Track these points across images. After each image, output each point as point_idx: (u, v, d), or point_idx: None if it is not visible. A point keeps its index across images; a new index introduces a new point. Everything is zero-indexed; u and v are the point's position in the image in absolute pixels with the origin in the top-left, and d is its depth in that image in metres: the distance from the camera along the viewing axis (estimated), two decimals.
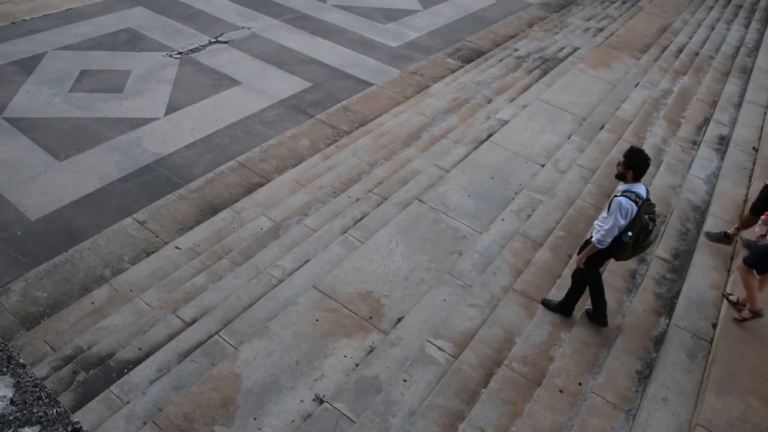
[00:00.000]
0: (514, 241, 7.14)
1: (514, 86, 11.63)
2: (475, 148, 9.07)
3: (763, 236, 6.47)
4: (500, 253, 6.93)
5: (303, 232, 7.36)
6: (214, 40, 13.16)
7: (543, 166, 8.80)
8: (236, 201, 8.39)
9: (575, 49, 13.44)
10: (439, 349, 5.67)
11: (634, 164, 4.81)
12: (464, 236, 7.26)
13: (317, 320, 5.91)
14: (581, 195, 8.04)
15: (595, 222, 5.14)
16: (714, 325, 5.92)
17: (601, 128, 9.93)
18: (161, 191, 8.57)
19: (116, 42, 12.76)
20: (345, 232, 7.22)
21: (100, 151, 9.30)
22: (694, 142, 9.72)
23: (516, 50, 13.68)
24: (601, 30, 14.90)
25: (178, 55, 12.34)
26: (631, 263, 6.77)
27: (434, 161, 8.77)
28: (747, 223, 6.76)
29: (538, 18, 16.48)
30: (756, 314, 5.71)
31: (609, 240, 4.96)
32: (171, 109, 10.50)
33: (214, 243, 7.43)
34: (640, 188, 4.91)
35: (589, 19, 16.08)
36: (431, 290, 6.41)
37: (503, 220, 7.54)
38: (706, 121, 10.46)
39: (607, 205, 5.02)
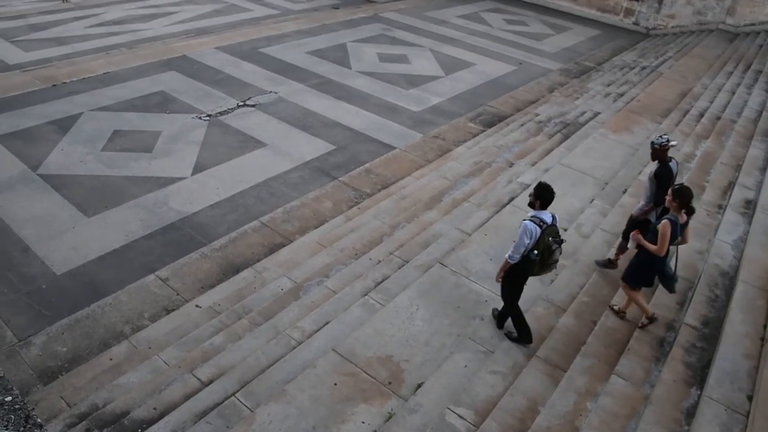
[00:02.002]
0: (536, 307, 7.02)
1: (535, 150, 11.72)
2: (497, 212, 9.07)
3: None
4: None
5: (323, 294, 7.33)
6: (242, 103, 13.58)
7: (566, 230, 8.74)
8: (258, 261, 8.43)
9: (596, 114, 13.58)
10: (460, 417, 5.49)
11: (540, 196, 5.76)
12: (486, 300, 7.16)
13: (335, 384, 5.79)
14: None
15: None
16: (749, 397, 5.67)
17: (624, 192, 9.89)
18: (185, 249, 8.66)
19: (148, 104, 13.25)
20: (366, 294, 7.18)
21: (127, 208, 9.50)
22: (720, 206, 9.60)
23: (537, 115, 13.86)
24: (621, 95, 15.08)
25: (207, 118, 12.73)
26: (658, 330, 6.59)
27: (456, 224, 8.76)
28: (622, 249, 7.50)
29: (558, 83, 16.78)
30: (651, 320, 6.51)
31: (517, 256, 5.82)
32: (198, 169, 10.75)
33: (235, 302, 7.43)
34: (545, 215, 5.78)
35: (609, 85, 16.32)
36: (452, 356, 6.28)
37: (525, 284, 7.43)
38: (731, 185, 10.35)
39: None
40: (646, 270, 6.24)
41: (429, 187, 10.32)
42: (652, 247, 5.93)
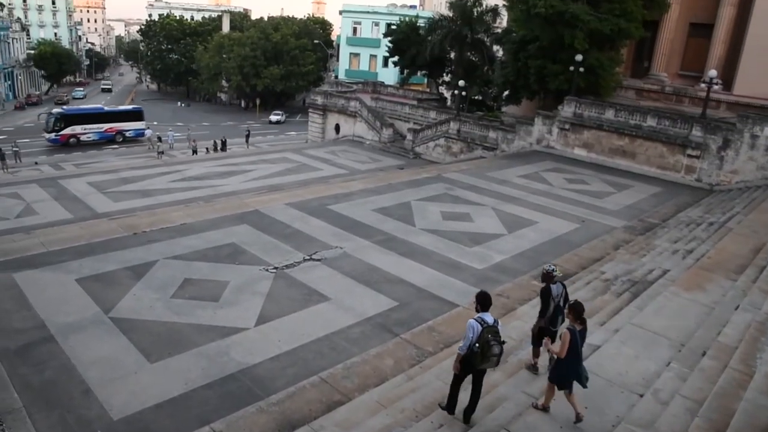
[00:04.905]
0: None
1: (603, 309, 11.33)
2: None
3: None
4: None
5: None
6: (308, 257, 14.02)
7: (641, 396, 8.13)
8: (315, 418, 8.16)
9: (665, 272, 13.17)
10: None
11: (480, 302, 7.28)
12: None
13: None
14: (689, 430, 7.23)
15: None
16: None
17: (703, 355, 9.24)
18: (242, 402, 8.54)
19: (219, 255, 13.88)
20: None
21: (189, 356, 9.61)
22: None
23: (603, 273, 13.58)
24: (690, 252, 14.67)
25: (274, 270, 13.15)
26: None
27: (522, 387, 8.33)
28: (537, 354, 8.85)
29: (623, 241, 16.58)
30: (578, 418, 7.30)
31: (465, 349, 7.11)
32: (261, 320, 10.90)
33: None
34: (487, 317, 7.18)
35: (676, 241, 15.99)
36: None
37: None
38: None
39: None
40: (560, 371, 7.29)
41: None
42: (555, 350, 7.23)
